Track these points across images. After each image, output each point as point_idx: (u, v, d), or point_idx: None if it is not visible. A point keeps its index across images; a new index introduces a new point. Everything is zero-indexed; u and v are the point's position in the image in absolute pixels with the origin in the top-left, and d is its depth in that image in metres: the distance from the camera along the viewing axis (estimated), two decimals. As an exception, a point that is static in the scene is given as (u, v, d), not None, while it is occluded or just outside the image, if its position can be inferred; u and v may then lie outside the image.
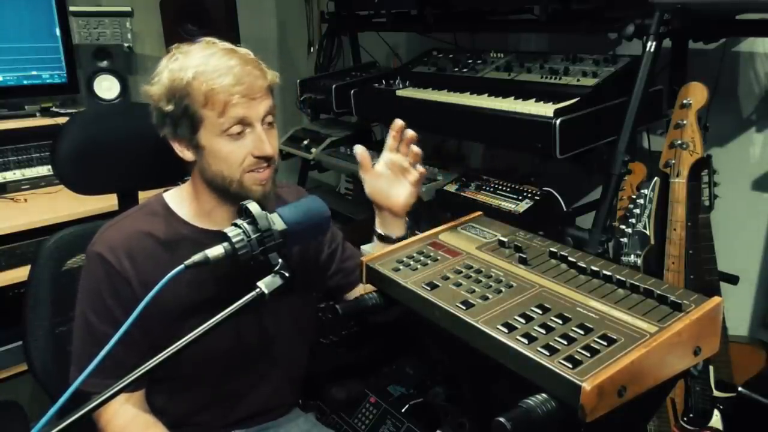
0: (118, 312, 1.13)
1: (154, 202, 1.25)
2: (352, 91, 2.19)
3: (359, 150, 1.24)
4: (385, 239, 1.26)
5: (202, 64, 1.10)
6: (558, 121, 1.48)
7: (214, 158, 1.13)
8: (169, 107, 1.11)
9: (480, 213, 1.19)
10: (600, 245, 1.47)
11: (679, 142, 1.46)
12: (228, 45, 1.16)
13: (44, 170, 2.54)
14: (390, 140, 1.21)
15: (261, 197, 1.15)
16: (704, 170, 1.52)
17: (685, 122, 1.44)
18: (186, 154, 1.16)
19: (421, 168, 1.22)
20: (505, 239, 1.03)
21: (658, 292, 0.82)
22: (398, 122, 1.20)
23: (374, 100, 2.17)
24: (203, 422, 1.28)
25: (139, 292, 1.13)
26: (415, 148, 1.20)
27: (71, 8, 2.61)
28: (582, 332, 0.77)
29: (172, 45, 1.18)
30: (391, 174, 1.22)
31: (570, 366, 0.70)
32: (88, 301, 1.16)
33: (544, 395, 0.70)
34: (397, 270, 0.99)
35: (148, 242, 1.17)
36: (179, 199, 1.24)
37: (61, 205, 2.27)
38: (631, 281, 0.86)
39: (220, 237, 0.98)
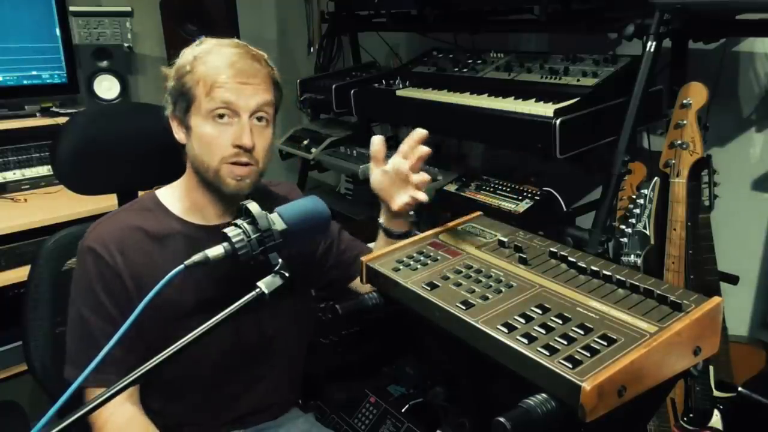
0: (110, 305, 1.13)
1: (145, 198, 1.27)
2: (352, 91, 2.19)
3: (377, 140, 1.21)
4: (387, 233, 1.28)
5: (209, 48, 1.16)
6: (558, 121, 1.48)
7: (198, 141, 1.16)
8: (171, 83, 1.17)
9: (480, 213, 1.19)
10: (600, 245, 1.47)
11: (679, 142, 1.46)
12: (245, 44, 1.20)
13: (44, 170, 2.54)
14: (405, 146, 1.17)
15: (234, 192, 1.16)
16: (704, 170, 1.52)
17: (685, 122, 1.44)
18: (179, 134, 1.20)
19: (423, 176, 1.19)
20: (505, 239, 1.03)
21: (658, 292, 0.82)
22: (420, 132, 1.15)
23: (374, 100, 2.17)
24: (202, 421, 1.27)
25: (130, 285, 1.14)
26: (423, 149, 1.15)
27: (71, 8, 2.61)
28: (582, 332, 0.77)
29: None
30: (395, 177, 1.19)
31: (570, 366, 0.70)
32: (81, 295, 1.16)
33: (544, 395, 0.70)
34: (397, 270, 0.99)
35: (139, 236, 1.18)
36: (171, 196, 1.26)
37: (61, 205, 2.26)
38: (631, 281, 0.86)
39: (220, 237, 0.98)
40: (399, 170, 1.18)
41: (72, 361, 1.16)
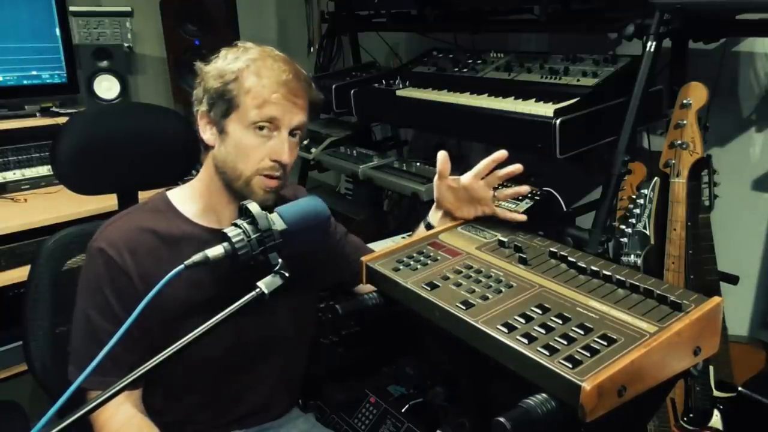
0: (118, 308, 1.13)
1: (157, 199, 1.25)
2: (352, 91, 2.19)
3: (442, 156, 1.20)
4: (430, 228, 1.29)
5: (259, 59, 1.15)
6: (558, 121, 1.48)
7: (234, 147, 1.15)
8: (214, 84, 1.15)
9: (480, 213, 1.19)
10: (600, 245, 1.47)
11: (679, 142, 1.46)
12: (293, 60, 1.20)
13: (44, 170, 2.54)
14: (481, 166, 1.19)
15: (261, 202, 1.15)
16: (704, 170, 1.52)
17: (685, 122, 1.44)
18: (208, 135, 1.18)
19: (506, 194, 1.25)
20: (505, 239, 1.03)
21: (658, 292, 0.82)
22: (502, 153, 1.19)
23: (374, 100, 2.17)
24: (203, 421, 1.27)
25: (140, 287, 1.13)
26: (512, 168, 1.19)
27: (71, 8, 2.61)
28: (582, 332, 0.77)
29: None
30: (466, 195, 1.20)
31: (570, 366, 0.70)
32: (89, 296, 1.16)
33: (544, 395, 0.70)
34: (397, 270, 0.99)
35: (149, 238, 1.17)
36: (183, 198, 1.24)
37: (61, 205, 2.26)
38: (631, 281, 0.86)
39: (220, 237, 0.98)
40: (474, 191, 1.18)
41: (76, 362, 1.16)
